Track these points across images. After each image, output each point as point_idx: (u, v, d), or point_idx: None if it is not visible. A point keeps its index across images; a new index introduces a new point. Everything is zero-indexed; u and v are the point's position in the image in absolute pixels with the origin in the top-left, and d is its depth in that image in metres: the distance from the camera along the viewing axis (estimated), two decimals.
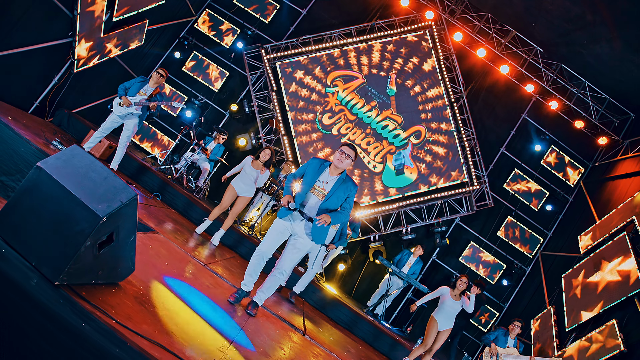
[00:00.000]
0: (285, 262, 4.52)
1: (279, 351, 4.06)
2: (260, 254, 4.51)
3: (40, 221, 2.39)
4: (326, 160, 4.49)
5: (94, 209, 2.35)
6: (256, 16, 12.06)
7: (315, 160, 4.48)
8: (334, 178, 4.38)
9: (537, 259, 11.52)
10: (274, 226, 4.51)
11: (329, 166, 4.42)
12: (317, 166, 4.43)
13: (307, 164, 4.50)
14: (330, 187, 4.35)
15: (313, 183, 4.37)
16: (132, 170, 8.31)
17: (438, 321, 6.80)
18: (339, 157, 4.28)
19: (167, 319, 2.98)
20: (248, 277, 4.56)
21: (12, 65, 7.13)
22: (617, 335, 7.21)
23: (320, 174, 4.40)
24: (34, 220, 2.39)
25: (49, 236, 2.37)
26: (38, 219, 2.38)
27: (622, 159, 10.80)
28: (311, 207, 4.39)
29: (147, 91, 7.28)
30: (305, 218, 4.39)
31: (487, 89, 12.15)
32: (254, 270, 4.54)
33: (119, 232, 2.58)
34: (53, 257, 2.34)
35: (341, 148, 4.32)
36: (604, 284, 8.31)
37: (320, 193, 4.36)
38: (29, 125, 6.56)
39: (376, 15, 12.06)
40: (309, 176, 4.41)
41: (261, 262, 4.53)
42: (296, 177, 4.50)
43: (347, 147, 4.32)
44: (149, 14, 9.51)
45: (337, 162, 4.30)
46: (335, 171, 4.37)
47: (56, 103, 8.61)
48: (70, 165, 2.50)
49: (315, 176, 4.38)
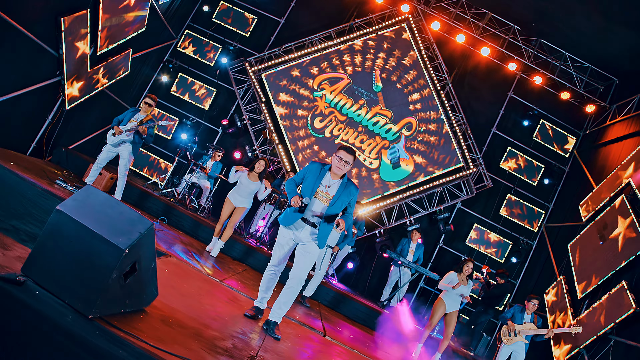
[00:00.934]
0: (300, 270, 4.36)
1: (302, 353, 4.21)
2: (274, 270, 4.47)
3: (67, 260, 2.54)
4: (325, 164, 4.44)
5: (115, 243, 2.50)
6: (236, 31, 12.24)
7: (315, 165, 4.41)
8: (337, 182, 4.34)
9: (542, 233, 11.70)
10: (279, 239, 4.45)
11: (329, 169, 4.37)
12: (317, 170, 4.36)
13: (306, 168, 4.43)
14: (334, 191, 4.32)
15: (316, 188, 4.30)
16: (135, 198, 8.45)
17: (446, 303, 6.93)
18: (337, 164, 4.25)
19: (195, 337, 3.12)
20: (262, 293, 4.54)
21: (5, 111, 7.26)
22: (628, 296, 7.38)
23: (322, 178, 4.33)
24: (61, 260, 2.54)
25: (77, 273, 2.51)
26: (65, 259, 2.53)
27: (612, 123, 10.99)
28: (316, 212, 4.33)
29: (138, 119, 7.41)
30: (309, 224, 4.33)
31: (471, 73, 12.33)
32: (268, 286, 4.52)
33: (141, 261, 2.74)
34: (84, 293, 2.48)
35: (338, 154, 4.26)
36: (609, 248, 8.48)
37: (325, 198, 4.30)
38: (30, 168, 6.70)
39: (353, 15, 12.23)
40: (310, 181, 4.33)
41: (275, 278, 4.51)
42: (296, 182, 4.44)
43: (344, 151, 4.25)
44: (132, 42, 9.67)
45: (336, 169, 4.27)
46: (336, 175, 4.33)
47: (52, 142, 8.75)
48: (87, 205, 2.65)
49: (317, 180, 4.31)
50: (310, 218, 4.34)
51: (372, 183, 11.55)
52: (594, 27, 10.11)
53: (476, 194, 11.68)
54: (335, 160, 4.28)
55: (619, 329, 7.39)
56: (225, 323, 3.93)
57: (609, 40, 10.28)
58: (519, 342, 7.40)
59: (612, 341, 7.38)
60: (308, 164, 4.49)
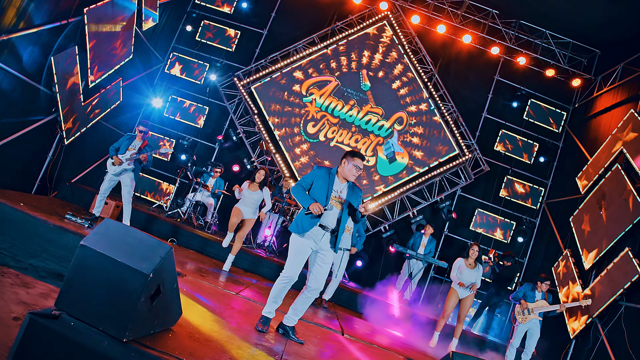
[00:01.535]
0: (320, 282, 4.37)
1: (324, 353, 4.38)
2: (289, 280, 4.31)
3: (96, 290, 2.71)
4: (330, 168, 4.47)
5: (140, 269, 2.68)
6: (221, 47, 12.44)
7: (322, 170, 4.42)
8: (344, 186, 4.41)
9: (544, 209, 11.88)
10: (296, 248, 4.34)
11: (337, 173, 4.42)
12: (326, 175, 4.38)
13: (313, 174, 4.41)
14: (345, 195, 4.39)
15: (330, 194, 4.32)
16: (142, 223, 8.62)
17: (457, 291, 7.12)
18: (354, 172, 4.33)
19: (222, 349, 3.30)
20: (273, 304, 4.41)
21: (6, 154, 7.44)
22: (633, 261, 7.55)
23: (333, 183, 4.36)
24: (91, 291, 2.71)
25: (107, 301, 2.69)
26: (94, 289, 2.71)
27: (599, 95, 11.18)
28: (331, 218, 4.34)
29: (135, 146, 7.57)
30: (328, 231, 4.34)
31: (456, 61, 12.53)
32: (280, 296, 4.40)
33: (164, 283, 2.91)
34: (116, 318, 2.66)
35: (354, 162, 4.33)
36: (609, 217, 8.66)
37: (339, 203, 4.34)
38: (38, 206, 6.88)
39: (334, 18, 12.43)
40: (321, 187, 4.33)
41: (288, 288, 4.38)
42: (304, 187, 4.38)
43: (360, 159, 4.35)
44: (121, 71, 9.86)
45: (351, 176, 4.35)
46: (344, 179, 4.41)
47: (55, 177, 8.92)
48: (108, 237, 2.83)
49: (329, 186, 4.34)
50: (328, 225, 4.34)
51: (372, 180, 11.74)
52: (571, 1, 10.30)
53: (475, 179, 11.85)
54: (350, 168, 4.34)
55: (628, 295, 7.56)
56: (247, 332, 4.10)
57: (587, 13, 10.48)
58: (533, 320, 7.56)
59: (623, 307, 7.55)
60: (314, 170, 4.45)
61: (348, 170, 4.35)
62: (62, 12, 7.56)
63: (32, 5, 6.86)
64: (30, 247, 5.62)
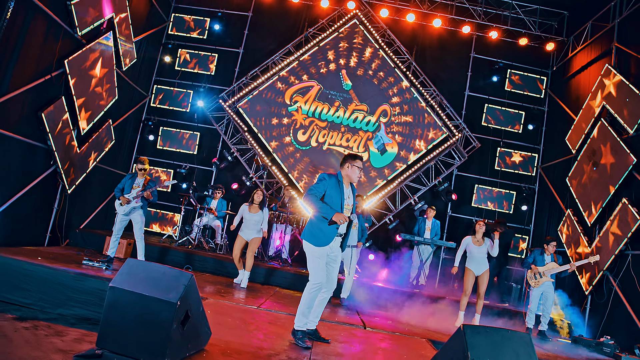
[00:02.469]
0: (332, 279, 4.61)
1: (351, 348, 4.62)
2: (319, 285, 4.45)
3: (131, 325, 2.95)
4: (336, 175, 4.63)
5: (167, 299, 2.91)
6: (201, 72, 12.69)
7: (332, 178, 4.57)
8: (349, 189, 4.68)
9: (540, 174, 12.14)
10: (318, 256, 4.47)
11: (342, 179, 4.61)
12: (336, 184, 4.54)
13: (324, 183, 4.52)
14: (352, 199, 4.68)
15: (343, 202, 4.53)
16: (155, 256, 8.85)
17: (472, 269, 7.34)
18: (359, 173, 4.60)
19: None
20: (303, 317, 4.53)
21: (13, 213, 7.62)
22: (631, 210, 7.79)
23: (342, 190, 4.55)
24: (126, 327, 2.94)
25: (143, 333, 2.92)
26: (129, 325, 2.94)
27: (574, 55, 11.44)
28: (344, 225, 4.58)
29: (139, 183, 7.80)
30: (340, 235, 4.60)
31: (430, 46, 12.79)
32: (311, 305, 4.53)
33: (191, 307, 3.15)
34: (154, 347, 2.89)
35: (355, 164, 4.57)
36: (603, 172, 8.90)
37: (349, 210, 4.59)
38: (55, 257, 7.11)
39: (305, 25, 12.69)
40: (335, 196, 4.49)
41: (318, 294, 4.52)
42: (318, 196, 4.48)
43: (360, 160, 4.61)
44: (109, 113, 10.11)
45: (356, 178, 4.59)
46: (347, 183, 4.65)
47: (64, 226, 9.15)
48: (133, 275, 3.07)
49: (341, 194, 4.52)
50: (341, 231, 4.62)
51: (369, 176, 11.98)
52: None
53: (468, 157, 12.09)
54: (354, 170, 4.59)
55: (633, 243, 7.80)
56: (274, 342, 4.34)
57: None
58: (546, 282, 7.80)
59: (630, 256, 7.79)
60: (325, 179, 4.56)
61: (352, 173, 4.59)
62: (44, 68, 7.80)
63: (16, 67, 7.10)
64: (56, 297, 5.85)
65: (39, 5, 7.33)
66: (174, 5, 12.83)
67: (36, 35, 7.44)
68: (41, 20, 7.50)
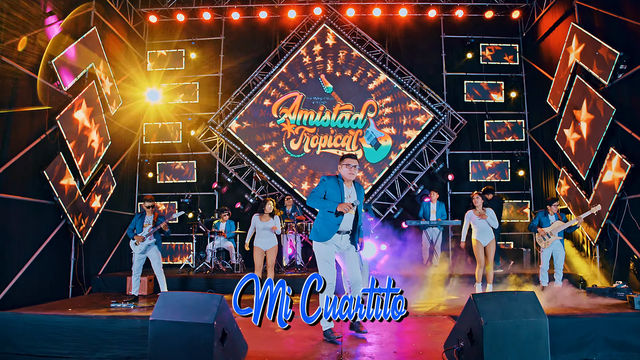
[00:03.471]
0: (356, 273, 4.80)
1: (378, 336, 4.92)
2: (331, 287, 4.58)
3: (175, 352, 3.23)
4: (336, 176, 4.83)
5: (205, 322, 3.20)
6: (187, 102, 12.96)
7: (331, 179, 4.78)
8: (352, 188, 4.85)
9: (530, 139, 12.44)
10: (322, 254, 4.71)
11: (342, 179, 4.79)
12: (335, 184, 4.74)
13: (324, 185, 4.75)
14: (356, 197, 4.80)
15: (343, 200, 4.69)
16: (177, 287, 9.10)
17: (479, 240, 7.62)
18: (350, 171, 4.73)
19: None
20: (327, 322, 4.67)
21: (34, 274, 7.86)
22: (620, 158, 8.08)
23: (343, 189, 4.73)
24: (172, 354, 3.22)
25: (188, 357, 3.20)
26: (174, 351, 3.22)
27: (540, 18, 11.74)
28: (347, 222, 4.76)
29: (149, 221, 8.09)
30: (344, 234, 4.78)
31: (401, 36, 13.08)
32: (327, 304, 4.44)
33: (227, 325, 3.43)
34: None
35: (345, 163, 4.74)
36: (587, 126, 9.19)
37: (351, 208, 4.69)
38: (83, 306, 7.38)
39: (277, 38, 12.99)
40: (335, 196, 4.68)
41: (331, 294, 4.58)
42: (320, 197, 4.70)
43: (349, 158, 4.75)
44: (106, 158, 10.40)
45: (350, 175, 4.74)
46: (349, 182, 4.84)
47: (84, 275, 9.41)
48: (168, 306, 3.35)
49: (342, 194, 4.70)
50: (344, 229, 4.78)
51: (367, 171, 12.28)
52: None
53: (458, 135, 12.39)
54: (345, 169, 4.78)
55: (628, 189, 8.07)
56: (306, 344, 4.63)
57: None
58: (555, 242, 8.09)
59: (627, 201, 8.07)
60: (324, 180, 4.80)
61: (345, 172, 4.81)
62: (37, 128, 8.10)
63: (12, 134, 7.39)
64: (91, 342, 6.12)
65: (24, 71, 7.64)
66: (147, 42, 13.12)
67: (24, 99, 7.74)
68: (28, 82, 7.81)
